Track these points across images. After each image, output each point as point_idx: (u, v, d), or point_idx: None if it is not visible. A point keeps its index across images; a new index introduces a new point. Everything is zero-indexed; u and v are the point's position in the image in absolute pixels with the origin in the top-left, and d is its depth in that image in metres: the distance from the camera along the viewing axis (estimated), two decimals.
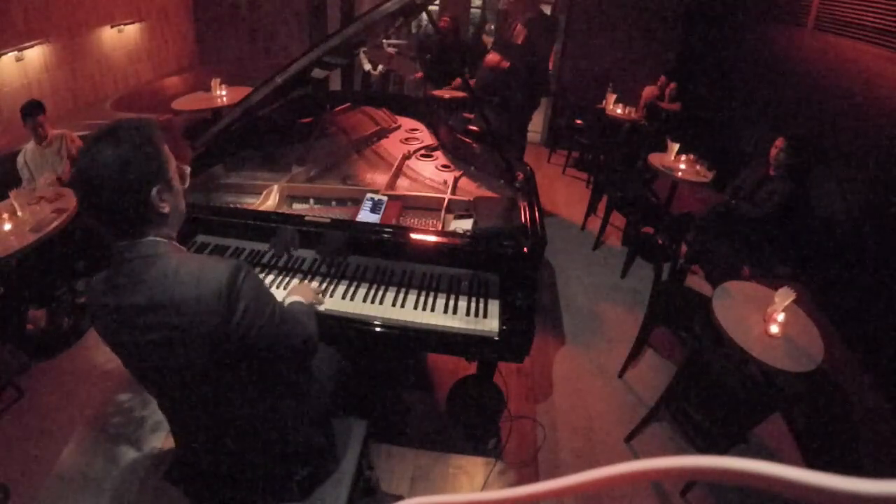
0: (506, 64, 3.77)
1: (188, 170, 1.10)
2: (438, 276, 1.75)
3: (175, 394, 1.11)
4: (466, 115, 4.14)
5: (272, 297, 1.09)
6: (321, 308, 1.63)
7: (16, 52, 3.41)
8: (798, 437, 2.36)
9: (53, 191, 2.70)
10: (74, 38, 4.00)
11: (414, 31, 5.42)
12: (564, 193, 4.79)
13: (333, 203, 2.06)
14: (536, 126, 5.60)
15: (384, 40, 5.38)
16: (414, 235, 1.71)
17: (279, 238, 1.72)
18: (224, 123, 2.07)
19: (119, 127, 0.95)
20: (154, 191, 0.96)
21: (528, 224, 1.81)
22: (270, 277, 1.78)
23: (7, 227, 2.34)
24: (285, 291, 1.54)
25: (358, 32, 1.96)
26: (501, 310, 1.69)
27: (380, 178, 2.17)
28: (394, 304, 1.70)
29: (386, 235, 1.72)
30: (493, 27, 7.25)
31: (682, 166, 3.53)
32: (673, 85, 4.77)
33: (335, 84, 5.78)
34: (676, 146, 3.61)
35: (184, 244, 1.80)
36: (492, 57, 3.93)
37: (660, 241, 3.56)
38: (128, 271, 0.98)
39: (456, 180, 2.19)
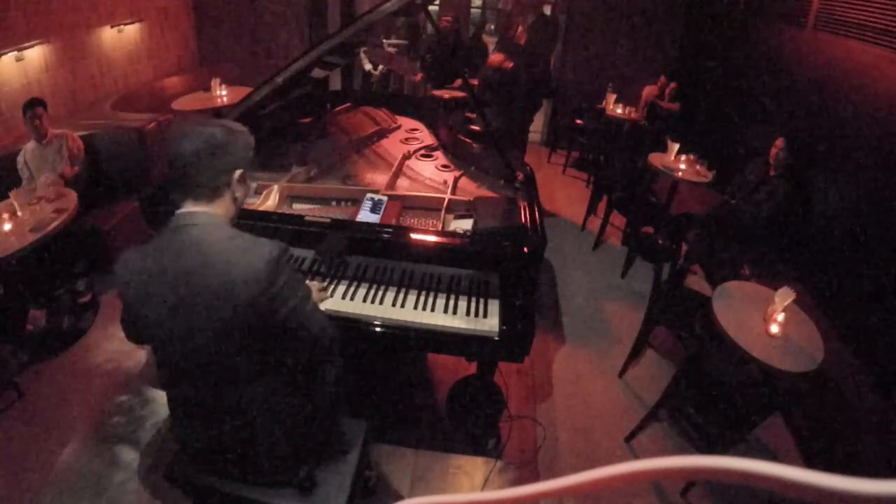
0: (509, 64, 3.78)
1: (255, 186, 1.25)
2: (438, 276, 1.75)
3: (187, 379, 1.14)
4: (468, 115, 4.14)
5: (304, 281, 1.19)
6: (321, 306, 1.63)
7: (16, 52, 3.40)
8: (798, 437, 2.36)
9: (53, 191, 2.70)
10: (74, 38, 3.99)
11: (423, 33, 5.42)
12: (564, 193, 4.79)
13: (333, 203, 2.06)
14: (536, 126, 5.59)
15: (384, 40, 5.38)
16: (414, 235, 1.70)
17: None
18: None
19: (230, 123, 1.15)
20: (237, 174, 1.12)
21: (528, 224, 1.81)
22: None
23: (7, 227, 2.33)
24: None
25: (358, 32, 1.96)
26: (501, 310, 1.69)
27: (380, 178, 2.17)
28: (394, 304, 1.70)
29: (386, 235, 1.72)
30: (493, 27, 7.25)
31: (682, 166, 3.53)
32: (673, 85, 4.77)
33: (335, 84, 5.78)
34: (676, 146, 3.61)
35: None
36: (496, 57, 3.93)
37: (660, 241, 3.56)
38: (185, 237, 1.06)
39: (456, 180, 2.19)
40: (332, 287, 1.75)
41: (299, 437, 1.24)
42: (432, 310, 1.69)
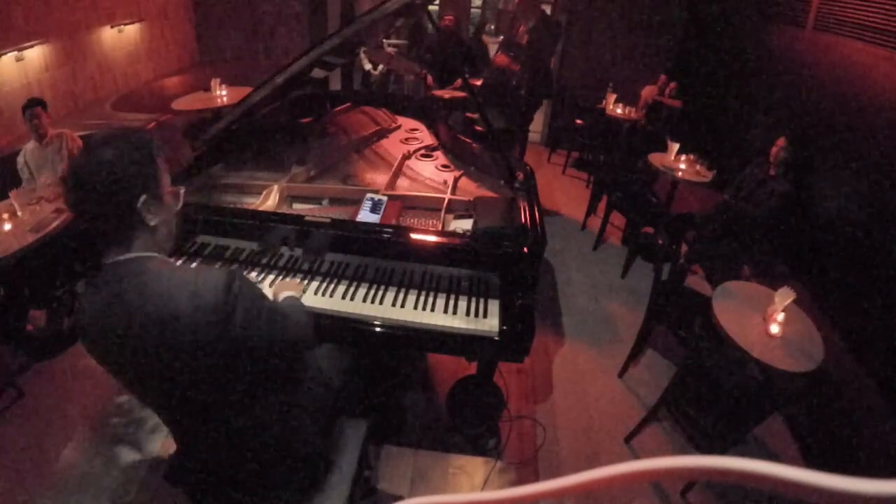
0: (516, 66, 3.79)
1: (182, 190, 1.09)
2: (438, 276, 1.75)
3: (173, 404, 1.11)
4: (468, 115, 4.15)
5: (265, 296, 1.10)
6: (321, 307, 1.63)
7: (16, 52, 3.41)
8: (798, 437, 2.36)
9: (53, 191, 2.70)
10: (74, 38, 4.00)
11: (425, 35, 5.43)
12: (564, 193, 4.80)
13: (325, 203, 2.06)
14: (536, 126, 5.60)
15: (384, 40, 5.38)
16: (414, 235, 1.70)
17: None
18: (224, 123, 2.07)
19: (115, 133, 0.97)
20: (141, 200, 0.96)
21: (528, 224, 1.80)
22: (271, 277, 1.77)
23: (7, 227, 2.33)
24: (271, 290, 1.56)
25: (358, 32, 1.96)
26: (501, 310, 1.69)
27: (380, 178, 2.17)
28: (394, 304, 1.70)
29: (386, 235, 1.72)
30: (493, 27, 7.25)
31: (682, 166, 3.53)
32: (673, 84, 4.77)
33: (335, 84, 5.78)
34: (676, 146, 3.61)
35: (184, 244, 1.81)
36: (501, 58, 3.94)
37: (660, 241, 3.56)
38: (118, 290, 0.95)
39: (456, 180, 2.18)
40: (332, 287, 1.75)
41: (300, 438, 1.24)
42: (432, 310, 1.69)
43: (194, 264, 1.81)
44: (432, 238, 1.71)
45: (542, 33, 3.78)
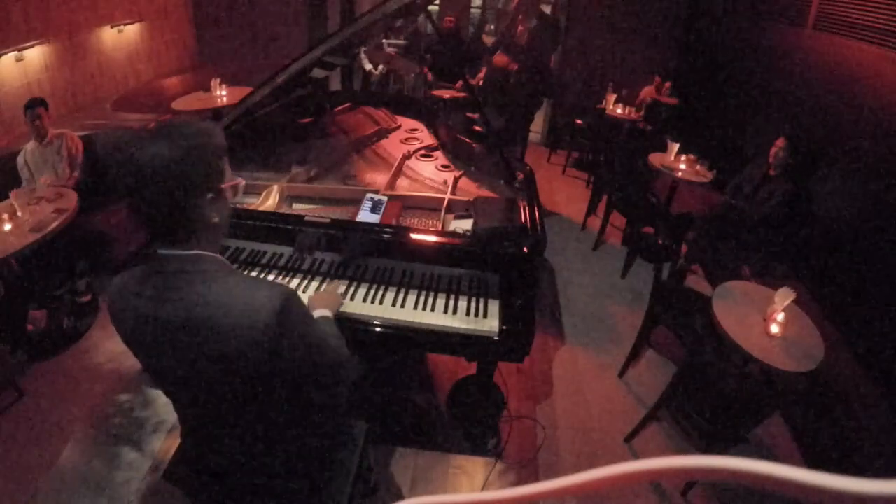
0: (515, 66, 3.80)
1: (243, 183, 1.05)
2: (438, 276, 1.75)
3: (189, 399, 1.11)
4: (468, 115, 4.15)
5: (315, 324, 1.07)
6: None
7: (16, 52, 3.41)
8: (798, 437, 2.36)
9: (53, 191, 2.70)
10: (74, 38, 4.00)
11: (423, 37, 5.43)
12: (564, 193, 4.79)
13: (326, 202, 2.06)
14: (536, 126, 5.60)
15: (384, 40, 5.38)
16: (414, 235, 1.70)
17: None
18: (224, 123, 2.07)
19: (182, 125, 0.89)
20: (207, 198, 0.91)
21: (528, 224, 1.81)
22: (270, 277, 1.78)
23: (7, 227, 2.33)
24: (304, 296, 1.53)
25: (358, 32, 1.96)
26: (501, 310, 1.69)
27: (380, 178, 2.17)
28: (394, 304, 1.70)
29: (386, 235, 1.72)
30: (493, 27, 7.25)
31: (682, 166, 3.53)
32: (668, 84, 4.78)
33: (335, 84, 5.78)
34: (676, 146, 3.61)
35: None
36: (500, 58, 3.95)
37: (660, 241, 3.57)
38: (171, 283, 0.92)
39: (456, 180, 2.18)
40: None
41: (301, 438, 1.24)
42: (432, 310, 1.69)
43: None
44: (432, 238, 1.71)
45: (542, 32, 3.79)
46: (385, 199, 1.91)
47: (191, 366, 0.96)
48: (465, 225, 1.82)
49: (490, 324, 1.65)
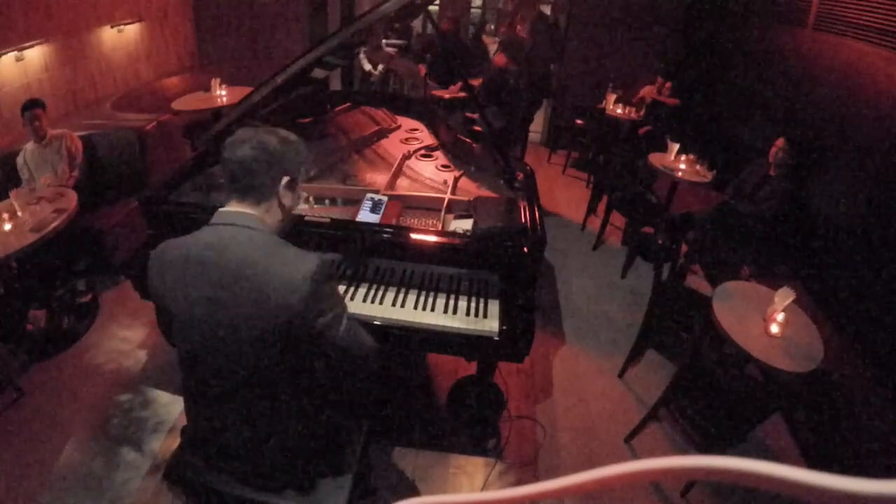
0: (514, 66, 3.80)
1: (306, 196, 1.29)
2: (438, 276, 1.75)
3: (209, 367, 1.12)
4: (468, 115, 4.15)
5: (344, 305, 1.18)
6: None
7: (16, 52, 3.40)
8: (798, 437, 2.36)
9: (53, 191, 2.70)
10: (74, 38, 3.99)
11: (423, 30, 5.43)
12: (564, 193, 4.80)
13: (326, 203, 2.06)
14: (536, 126, 5.60)
15: (384, 40, 5.38)
16: (414, 235, 1.70)
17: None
18: (224, 123, 2.07)
19: (286, 133, 1.18)
20: (286, 180, 1.13)
21: (528, 224, 1.81)
22: None
23: (7, 227, 2.33)
24: None
25: (358, 32, 1.96)
26: (501, 310, 1.69)
27: (380, 178, 2.17)
28: (394, 304, 1.70)
29: (386, 235, 1.72)
30: (492, 27, 7.25)
31: (682, 166, 3.53)
32: (668, 84, 4.78)
33: (335, 84, 5.78)
34: (676, 146, 3.61)
35: None
36: (499, 58, 3.95)
37: (660, 241, 3.57)
38: (227, 235, 1.06)
39: (456, 180, 2.19)
40: None
41: (302, 438, 1.24)
42: (432, 310, 1.69)
43: None
44: (432, 238, 1.71)
45: (541, 32, 3.79)
46: (385, 199, 1.91)
47: (224, 319, 1.04)
48: (465, 225, 1.82)
49: (490, 324, 1.65)
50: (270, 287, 1.02)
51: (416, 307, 1.69)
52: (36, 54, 3.61)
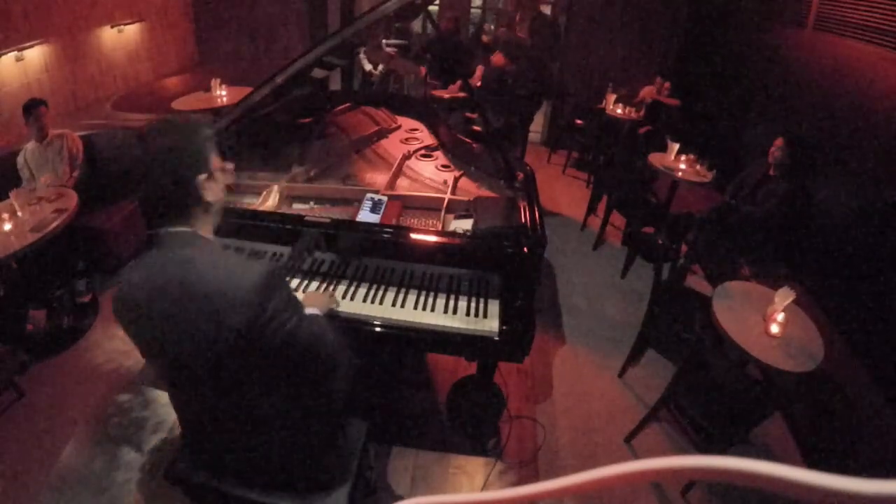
0: (512, 66, 3.80)
1: (231, 166, 1.16)
2: (438, 276, 1.75)
3: (189, 386, 1.12)
4: (468, 115, 4.15)
5: (300, 304, 1.13)
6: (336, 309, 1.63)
7: (16, 52, 3.41)
8: (798, 437, 2.35)
9: (53, 191, 2.70)
10: (74, 38, 3.99)
11: (423, 30, 5.43)
12: (564, 193, 4.79)
13: (327, 204, 2.06)
14: (536, 126, 5.60)
15: (384, 40, 5.38)
16: (414, 235, 1.70)
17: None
18: (224, 123, 2.07)
19: (174, 121, 1.08)
20: (201, 179, 1.05)
21: (528, 224, 1.80)
22: None
23: (7, 227, 2.33)
24: (301, 296, 1.53)
25: (358, 32, 1.96)
26: (501, 310, 1.69)
27: (380, 178, 2.17)
28: (394, 304, 1.70)
29: (386, 235, 1.72)
30: (492, 27, 7.25)
31: (682, 166, 3.53)
32: (667, 84, 4.77)
33: (335, 84, 5.78)
34: (676, 146, 3.61)
35: None
36: (497, 58, 3.95)
37: (660, 241, 3.56)
38: (172, 255, 1.03)
39: (456, 180, 2.18)
40: (332, 287, 1.75)
41: (301, 439, 1.24)
42: (432, 310, 1.69)
43: None
44: (432, 238, 1.71)
45: (541, 32, 3.79)
46: (385, 199, 1.91)
47: (189, 340, 1.01)
48: (465, 225, 1.81)
49: (490, 324, 1.65)
50: (218, 305, 0.98)
51: (416, 307, 1.69)
52: (36, 54, 3.61)
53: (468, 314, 1.68)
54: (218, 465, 1.27)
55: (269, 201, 1.94)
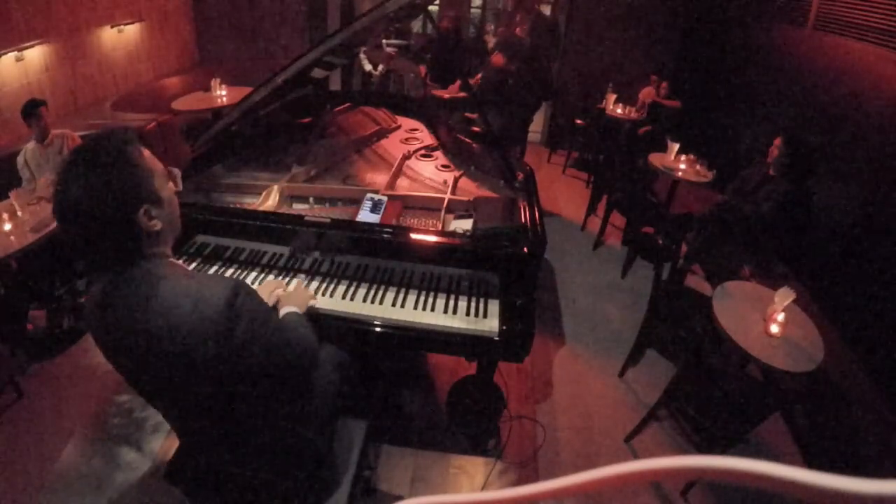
0: (511, 66, 3.79)
1: (178, 172, 1.05)
2: (438, 276, 1.75)
3: (177, 408, 1.11)
4: (468, 115, 4.15)
5: (271, 313, 1.07)
6: (320, 307, 1.63)
7: (16, 52, 3.41)
8: (798, 437, 2.35)
9: (53, 191, 2.70)
10: (74, 38, 3.99)
11: (423, 30, 5.43)
12: (564, 193, 4.79)
13: (326, 204, 2.06)
14: (536, 126, 5.60)
15: (384, 40, 5.38)
16: (414, 235, 1.70)
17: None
18: (224, 123, 2.07)
19: (86, 149, 0.87)
20: (141, 211, 0.89)
21: (528, 224, 1.81)
22: (270, 278, 1.77)
23: (7, 227, 2.33)
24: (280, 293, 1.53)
25: (358, 32, 1.96)
26: (501, 310, 1.69)
27: (380, 178, 2.17)
28: (394, 304, 1.70)
29: (386, 235, 1.72)
30: (492, 27, 7.25)
31: (682, 166, 3.53)
32: (665, 84, 4.77)
33: (335, 84, 5.78)
34: (676, 146, 3.61)
35: (183, 244, 1.81)
36: (497, 58, 3.94)
37: (660, 241, 3.56)
38: (123, 297, 0.92)
39: (456, 180, 2.18)
40: (332, 287, 1.75)
41: (301, 439, 1.24)
42: (432, 310, 1.69)
43: (193, 265, 1.81)
44: (432, 238, 1.71)
45: (540, 32, 3.79)
46: (385, 199, 1.91)
47: (158, 372, 0.95)
48: (465, 225, 1.81)
49: (490, 324, 1.65)
50: (185, 337, 0.90)
51: (416, 307, 1.69)
52: (36, 54, 3.61)
53: (468, 314, 1.68)
54: (217, 466, 1.27)
55: (269, 201, 1.94)
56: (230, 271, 1.80)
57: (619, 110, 4.71)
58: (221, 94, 4.11)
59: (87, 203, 0.84)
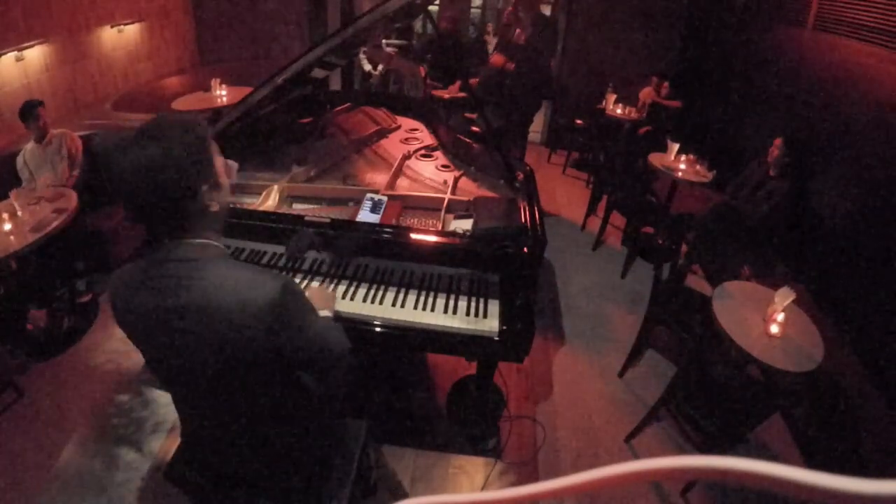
0: (511, 66, 3.79)
1: (236, 165, 1.09)
2: (438, 276, 1.75)
3: (191, 391, 1.12)
4: (468, 115, 4.15)
5: (316, 315, 1.10)
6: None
7: (16, 52, 3.41)
8: (798, 437, 2.36)
9: (53, 191, 2.70)
10: (74, 38, 3.99)
11: (423, 30, 5.44)
12: (564, 193, 4.79)
13: (326, 202, 2.06)
14: (536, 126, 5.59)
15: (384, 40, 5.38)
16: (414, 235, 1.70)
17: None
18: (224, 123, 2.07)
19: (169, 117, 0.93)
20: (204, 189, 0.94)
21: (528, 224, 1.81)
22: None
23: (7, 227, 2.33)
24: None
25: (358, 32, 1.96)
26: (501, 310, 1.69)
27: (380, 178, 2.17)
28: (394, 304, 1.70)
29: (386, 235, 1.72)
30: (492, 27, 7.25)
31: (682, 166, 3.53)
32: (665, 84, 4.77)
33: (335, 84, 5.78)
34: (676, 146, 3.61)
35: None
36: (496, 58, 3.95)
37: (660, 241, 3.57)
38: (173, 271, 0.94)
39: (456, 180, 2.18)
40: (332, 287, 1.75)
41: (302, 438, 1.24)
42: (432, 310, 1.69)
43: None
44: (432, 238, 1.71)
45: (540, 32, 3.78)
46: (385, 199, 1.91)
47: (194, 354, 0.97)
48: (465, 225, 1.81)
49: (490, 324, 1.65)
50: (232, 321, 0.92)
51: (416, 307, 1.69)
52: (36, 54, 3.61)
53: (468, 314, 1.68)
54: (218, 465, 1.27)
55: (269, 201, 1.94)
56: None
57: (619, 110, 4.70)
58: (221, 94, 4.11)
59: (161, 161, 0.86)
